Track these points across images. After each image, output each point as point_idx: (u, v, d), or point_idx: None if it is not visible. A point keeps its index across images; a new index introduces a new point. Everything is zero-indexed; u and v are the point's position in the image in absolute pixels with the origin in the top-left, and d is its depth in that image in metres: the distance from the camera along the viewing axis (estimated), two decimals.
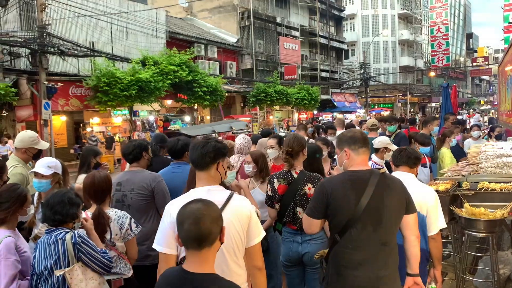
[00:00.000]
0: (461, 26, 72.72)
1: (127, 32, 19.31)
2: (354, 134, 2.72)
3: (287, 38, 31.41)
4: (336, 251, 2.57)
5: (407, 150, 3.47)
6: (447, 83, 11.30)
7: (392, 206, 2.58)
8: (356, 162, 2.63)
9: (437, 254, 3.16)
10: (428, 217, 3.13)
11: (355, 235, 2.50)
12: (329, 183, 2.62)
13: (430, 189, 3.32)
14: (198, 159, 2.39)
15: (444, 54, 51.19)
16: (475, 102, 61.07)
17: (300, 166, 3.62)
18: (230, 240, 2.28)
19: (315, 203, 2.61)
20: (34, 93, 14.81)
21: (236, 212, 2.32)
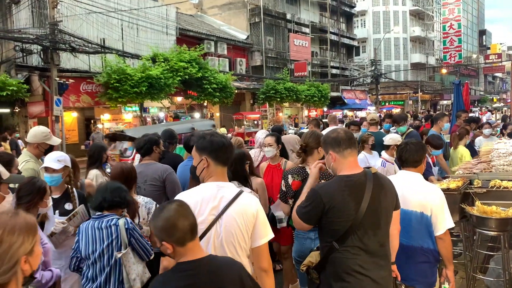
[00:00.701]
0: (474, 23, 71.84)
1: (137, 29, 19.40)
2: (338, 135, 2.56)
3: (297, 34, 31.30)
4: (335, 259, 2.48)
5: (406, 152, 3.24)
6: (459, 80, 11.16)
7: (387, 206, 2.57)
8: (345, 165, 2.53)
9: (447, 254, 3.10)
10: (433, 217, 3.05)
11: (357, 241, 2.45)
12: (324, 191, 2.47)
13: (435, 188, 3.21)
14: (223, 154, 2.38)
15: (456, 51, 50.58)
16: (488, 100, 60.32)
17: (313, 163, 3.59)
18: (231, 236, 2.27)
19: (309, 211, 2.48)
20: (45, 90, 14.95)
21: (242, 210, 2.30)
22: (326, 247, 2.51)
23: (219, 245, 2.27)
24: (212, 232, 2.27)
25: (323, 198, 2.42)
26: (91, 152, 4.68)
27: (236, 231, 2.28)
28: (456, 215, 4.74)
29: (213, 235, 2.27)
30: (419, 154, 3.22)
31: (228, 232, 2.27)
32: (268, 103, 26.20)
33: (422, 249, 3.12)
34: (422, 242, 3.12)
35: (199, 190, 2.35)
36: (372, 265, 2.49)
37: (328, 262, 2.51)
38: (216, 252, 2.26)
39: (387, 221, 2.58)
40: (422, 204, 3.07)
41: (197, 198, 2.30)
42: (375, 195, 2.47)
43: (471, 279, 4.77)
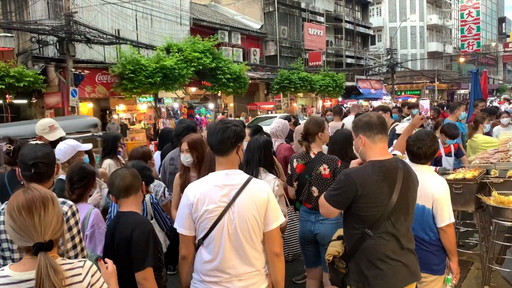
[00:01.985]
0: (493, 10, 70.16)
1: (151, 19, 19.44)
2: (370, 119, 2.51)
3: (311, 23, 31.01)
4: (368, 246, 2.45)
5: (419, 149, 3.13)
6: (476, 69, 10.94)
7: (414, 192, 2.59)
8: (375, 151, 2.49)
9: (449, 246, 3.06)
10: (435, 209, 3.01)
11: (390, 227, 2.44)
12: (358, 176, 2.42)
13: (440, 180, 3.14)
14: (218, 144, 2.35)
15: (474, 39, 49.51)
16: (507, 89, 59.06)
17: (318, 148, 3.70)
18: (246, 223, 2.30)
19: (340, 194, 2.44)
20: (61, 81, 15.12)
21: (253, 195, 2.31)
22: (357, 235, 2.48)
23: (233, 232, 2.30)
24: (225, 219, 2.29)
25: (356, 182, 2.39)
26: (105, 143, 4.81)
27: (250, 216, 2.30)
28: (472, 205, 4.69)
29: (226, 222, 2.29)
30: (433, 150, 3.15)
31: (242, 218, 2.29)
32: (282, 93, 26.10)
33: (423, 240, 3.11)
34: (422, 234, 3.10)
35: (208, 178, 2.38)
36: (402, 250, 2.50)
37: (360, 250, 2.48)
38: (230, 239, 2.29)
39: (413, 207, 2.60)
40: (425, 196, 3.03)
41: (207, 186, 2.33)
42: (405, 181, 2.47)
43: (487, 270, 4.72)
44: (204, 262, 2.35)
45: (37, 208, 1.58)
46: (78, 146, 3.71)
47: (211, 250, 2.31)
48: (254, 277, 2.36)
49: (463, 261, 5.45)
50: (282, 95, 26.49)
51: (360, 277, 2.49)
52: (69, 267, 1.66)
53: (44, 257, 1.56)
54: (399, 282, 2.49)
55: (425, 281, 3.19)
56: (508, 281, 4.81)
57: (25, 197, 1.60)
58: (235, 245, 2.30)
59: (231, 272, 2.31)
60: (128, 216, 2.57)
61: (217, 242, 2.29)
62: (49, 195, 1.66)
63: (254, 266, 2.36)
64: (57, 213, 1.65)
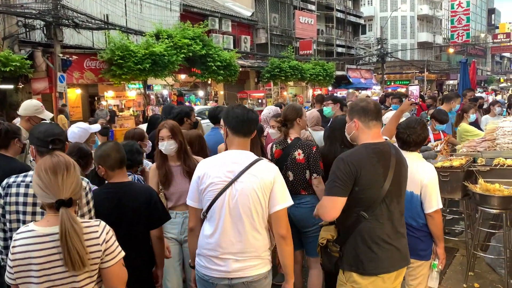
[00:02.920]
0: (483, 1, 70.45)
1: (141, 5, 19.16)
2: (367, 105, 2.55)
3: (303, 12, 30.85)
4: (363, 228, 2.47)
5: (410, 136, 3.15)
6: (466, 59, 11.03)
7: (405, 175, 2.63)
8: (368, 135, 2.52)
9: (437, 231, 3.11)
10: (423, 195, 3.05)
11: (385, 209, 2.47)
12: (353, 158, 2.43)
13: (429, 167, 3.17)
14: (240, 125, 2.46)
15: (464, 30, 49.72)
16: (495, 80, 59.62)
17: (295, 134, 3.77)
18: (247, 200, 2.36)
19: (341, 180, 2.39)
20: (49, 66, 14.89)
21: (258, 175, 2.38)
22: (352, 218, 2.49)
23: (234, 207, 2.37)
24: (227, 193, 2.37)
25: (354, 164, 2.40)
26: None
27: (252, 194, 2.35)
28: (458, 193, 4.75)
29: (227, 196, 2.37)
30: (422, 137, 3.18)
31: (244, 195, 2.36)
32: (273, 82, 26.03)
33: (411, 226, 3.15)
34: (410, 221, 3.13)
35: (219, 155, 2.56)
36: (395, 234, 2.54)
37: (354, 233, 2.49)
38: (231, 213, 2.37)
39: (405, 190, 2.65)
40: (412, 182, 3.06)
41: (215, 161, 2.49)
42: (397, 164, 2.51)
43: (471, 256, 4.81)
44: (205, 235, 2.45)
45: (61, 170, 1.87)
46: (90, 128, 4.05)
47: (212, 223, 2.41)
48: (252, 260, 2.40)
49: (448, 248, 5.53)
50: (273, 83, 26.42)
51: (355, 260, 2.50)
52: (87, 225, 1.91)
53: (65, 211, 1.81)
54: (392, 266, 2.53)
55: (411, 266, 3.24)
56: (492, 267, 4.91)
57: (52, 161, 1.89)
58: (234, 220, 2.37)
59: (228, 248, 2.37)
60: (134, 184, 2.99)
61: (217, 216, 2.38)
62: (71, 161, 1.95)
63: (252, 246, 2.40)
64: (77, 177, 1.93)
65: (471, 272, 4.78)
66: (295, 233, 3.67)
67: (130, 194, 2.77)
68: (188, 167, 3.32)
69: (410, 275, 3.26)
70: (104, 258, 1.92)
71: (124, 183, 2.84)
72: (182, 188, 3.29)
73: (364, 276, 2.48)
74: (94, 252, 1.88)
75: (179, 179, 3.36)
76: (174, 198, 3.37)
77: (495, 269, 4.83)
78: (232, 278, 2.39)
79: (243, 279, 2.39)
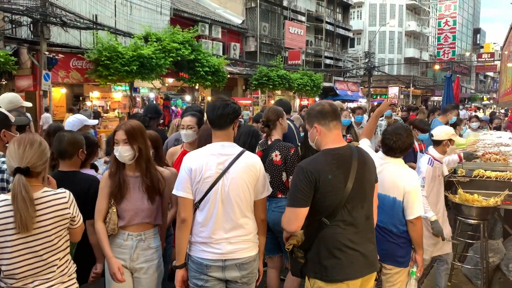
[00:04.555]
0: (469, 21, 72.02)
1: (131, 6, 19.07)
2: (323, 107, 2.54)
3: (293, 22, 31.09)
4: (325, 235, 2.44)
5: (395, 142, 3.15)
6: (450, 74, 11.20)
7: (370, 179, 2.59)
8: (330, 139, 2.50)
9: (417, 238, 3.10)
10: (405, 202, 3.04)
11: (346, 215, 2.43)
12: (312, 166, 2.40)
13: (412, 173, 3.16)
14: (218, 119, 2.61)
15: (450, 47, 50.77)
16: (478, 98, 60.81)
17: (277, 136, 3.81)
18: (237, 188, 2.56)
19: (302, 190, 2.37)
20: (34, 63, 14.68)
21: (246, 166, 2.59)
22: (314, 224, 2.46)
23: (226, 196, 2.55)
24: (219, 184, 2.55)
25: (313, 173, 2.37)
26: None
27: (242, 183, 2.57)
28: None
29: (220, 187, 2.55)
30: (408, 144, 3.17)
31: (234, 184, 2.56)
32: (260, 90, 26.08)
33: (391, 232, 3.15)
34: (391, 227, 3.13)
35: (206, 149, 2.64)
36: (361, 239, 2.49)
37: (317, 240, 2.46)
38: (223, 203, 2.55)
39: (371, 194, 2.60)
40: (396, 188, 3.07)
41: (206, 155, 2.59)
42: (361, 168, 2.47)
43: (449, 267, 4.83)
44: (198, 223, 2.60)
45: (24, 143, 2.16)
46: (86, 120, 4.19)
47: (205, 212, 2.57)
48: (244, 243, 2.61)
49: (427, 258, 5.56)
50: (260, 91, 26.47)
51: (318, 267, 2.47)
52: (55, 193, 2.25)
53: (19, 178, 2.07)
54: (357, 272, 2.48)
55: (389, 272, 3.23)
56: (469, 278, 4.94)
57: (21, 136, 2.23)
58: (226, 208, 2.56)
59: (221, 233, 2.56)
60: (77, 174, 3.00)
61: (211, 205, 2.55)
62: (38, 139, 2.23)
63: (243, 230, 2.60)
64: (40, 152, 2.19)
65: (449, 283, 4.81)
66: (270, 236, 3.64)
67: (66, 182, 2.67)
68: (149, 180, 2.81)
69: (387, 281, 3.25)
70: (74, 219, 2.31)
71: (66, 172, 2.95)
72: (138, 204, 2.79)
73: (328, 282, 2.45)
74: (65, 215, 2.25)
75: (136, 194, 2.81)
76: (127, 215, 2.78)
77: (472, 280, 4.87)
78: (226, 259, 2.57)
79: (235, 260, 2.58)
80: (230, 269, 2.58)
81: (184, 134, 3.89)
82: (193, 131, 3.85)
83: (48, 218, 2.20)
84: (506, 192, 4.32)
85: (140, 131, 2.84)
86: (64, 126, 4.17)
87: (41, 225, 2.17)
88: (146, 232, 2.84)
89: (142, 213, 2.80)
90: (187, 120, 3.90)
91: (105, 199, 2.79)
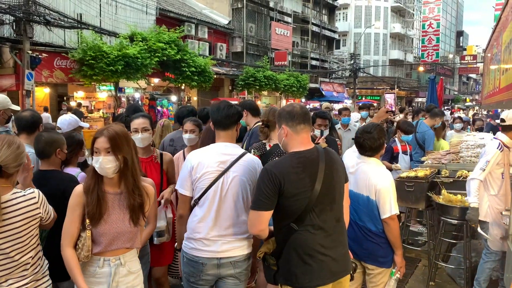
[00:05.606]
0: (452, 23, 73.07)
1: (116, 6, 18.88)
2: (293, 109, 2.49)
3: (279, 23, 31.16)
4: (295, 240, 2.40)
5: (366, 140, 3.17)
6: (434, 75, 11.36)
7: (339, 180, 2.55)
8: (297, 141, 2.46)
9: (393, 238, 3.09)
10: (377, 200, 3.06)
11: (315, 218, 2.39)
12: (277, 169, 2.35)
13: (384, 172, 3.15)
14: (223, 120, 2.72)
15: (434, 49, 51.50)
16: (461, 100, 61.75)
17: (275, 139, 3.67)
18: (238, 189, 2.65)
19: (265, 193, 2.33)
20: (17, 63, 14.43)
21: (247, 165, 2.69)
22: (284, 230, 2.43)
23: (225, 195, 2.64)
24: (220, 182, 2.63)
25: (278, 176, 2.32)
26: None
27: (242, 183, 2.65)
28: (422, 203, 4.85)
29: (220, 185, 2.63)
30: (379, 143, 3.17)
31: (235, 183, 2.64)
32: (247, 90, 26.05)
33: (370, 231, 3.16)
34: (370, 225, 3.15)
35: (210, 148, 2.74)
36: (331, 243, 2.46)
37: (287, 246, 2.42)
38: (222, 200, 2.63)
39: (341, 196, 2.56)
40: (368, 187, 3.09)
41: (208, 154, 2.69)
42: (328, 170, 2.43)
43: (433, 266, 4.90)
44: (196, 219, 2.66)
45: (3, 142, 2.19)
46: (79, 122, 4.39)
47: (204, 209, 2.64)
48: (239, 241, 2.67)
49: (411, 258, 5.64)
50: (247, 92, 26.44)
51: (289, 274, 2.44)
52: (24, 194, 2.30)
53: None
54: (327, 278, 2.45)
55: (372, 273, 3.25)
56: (452, 278, 5.01)
57: (1, 136, 2.26)
58: (225, 206, 2.63)
59: (219, 231, 2.63)
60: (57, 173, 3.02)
61: (211, 202, 2.63)
62: (17, 141, 2.28)
63: (239, 229, 2.66)
64: (17, 155, 2.24)
65: (432, 282, 4.87)
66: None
67: (42, 181, 2.80)
68: (139, 198, 2.41)
69: (371, 282, 3.27)
70: (45, 217, 2.38)
71: (46, 170, 2.99)
72: (118, 227, 2.37)
73: None
74: (36, 215, 2.31)
75: (116, 214, 2.38)
76: (104, 240, 2.35)
77: (455, 279, 4.93)
78: (221, 257, 2.63)
79: (230, 258, 2.64)
80: (225, 267, 2.65)
81: (188, 138, 4.06)
82: (195, 135, 4.05)
83: (18, 220, 2.23)
84: None
85: (126, 137, 2.41)
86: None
87: (10, 227, 2.20)
88: (125, 255, 2.43)
89: (123, 237, 2.39)
90: (189, 125, 4.09)
91: (77, 221, 2.33)
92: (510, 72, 2.46)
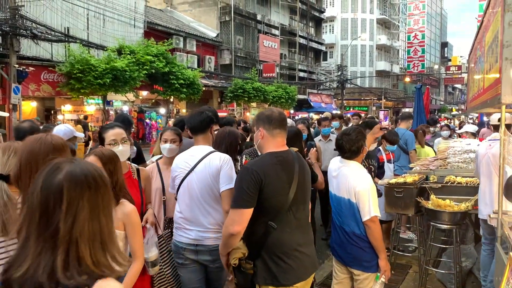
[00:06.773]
0: (437, 35, 74.37)
1: (104, 19, 18.91)
2: (272, 113, 2.57)
3: (267, 36, 31.43)
4: (273, 240, 2.43)
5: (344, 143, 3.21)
6: (420, 85, 11.51)
7: (308, 181, 2.69)
8: (272, 144, 2.53)
9: (374, 242, 3.07)
10: (357, 203, 3.07)
11: (292, 217, 2.48)
12: (258, 167, 2.41)
13: (364, 175, 3.16)
14: (197, 125, 3.06)
15: (419, 60, 52.33)
16: (447, 109, 62.59)
17: None
18: (202, 185, 2.92)
19: (246, 190, 2.35)
20: (3, 76, 14.33)
21: (208, 164, 2.94)
22: (261, 229, 2.44)
23: (192, 190, 2.96)
24: (187, 180, 2.97)
25: (259, 173, 2.37)
26: None
27: (205, 179, 2.91)
28: (412, 209, 4.89)
29: (188, 183, 2.97)
30: (358, 145, 3.20)
31: (199, 180, 2.94)
32: (236, 102, 26.15)
33: (354, 235, 3.16)
34: (353, 228, 3.15)
35: (187, 151, 3.10)
36: (305, 240, 2.57)
37: (266, 246, 2.44)
38: (192, 196, 2.95)
39: (309, 197, 2.70)
40: (348, 190, 3.11)
41: (182, 156, 3.11)
42: (301, 171, 2.55)
43: (423, 272, 4.91)
44: (177, 211, 3.08)
45: (9, 152, 2.21)
46: (74, 132, 4.44)
47: (180, 203, 3.04)
48: (212, 232, 2.92)
49: (402, 264, 5.65)
50: (236, 104, 26.53)
51: (269, 273, 2.47)
52: None
53: (0, 183, 2.07)
54: (305, 273, 2.55)
55: (359, 278, 3.21)
56: (443, 283, 5.03)
57: (6, 143, 2.29)
58: (195, 200, 2.95)
59: (193, 222, 2.95)
60: None
61: (182, 198, 3.00)
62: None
63: (211, 220, 2.93)
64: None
65: None
66: None
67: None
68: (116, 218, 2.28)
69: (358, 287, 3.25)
70: None
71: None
72: None
73: (279, 287, 2.48)
74: None
75: None
76: None
77: (446, 284, 4.95)
78: (197, 244, 2.95)
79: (205, 246, 2.93)
80: (202, 253, 2.95)
81: (168, 148, 3.66)
82: (176, 146, 3.68)
83: None
84: (476, 197, 4.44)
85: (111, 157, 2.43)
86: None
87: None
88: None
89: None
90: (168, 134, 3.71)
91: None
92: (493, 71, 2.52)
